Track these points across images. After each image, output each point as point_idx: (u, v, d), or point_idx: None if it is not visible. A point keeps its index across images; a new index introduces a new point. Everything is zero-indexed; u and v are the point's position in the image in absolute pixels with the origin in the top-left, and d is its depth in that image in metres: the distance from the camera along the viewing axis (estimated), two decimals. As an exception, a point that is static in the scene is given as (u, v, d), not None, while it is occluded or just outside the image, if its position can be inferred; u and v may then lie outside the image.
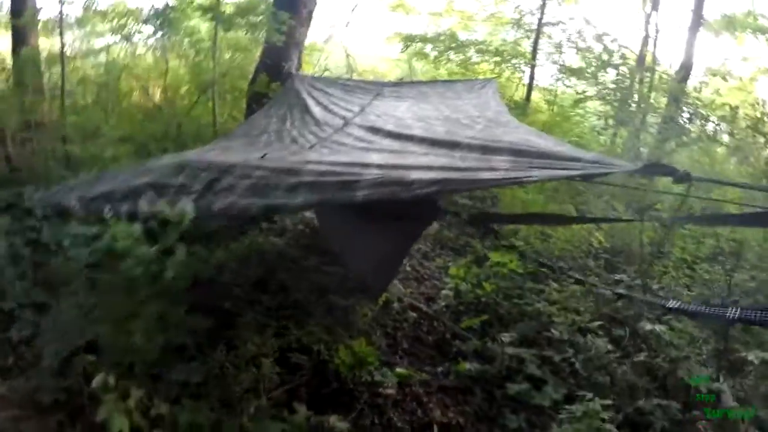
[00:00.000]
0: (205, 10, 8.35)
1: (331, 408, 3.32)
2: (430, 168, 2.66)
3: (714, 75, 12.24)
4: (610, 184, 5.91)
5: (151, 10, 8.63)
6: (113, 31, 9.73)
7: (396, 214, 2.77)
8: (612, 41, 6.63)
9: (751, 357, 3.59)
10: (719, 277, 5.49)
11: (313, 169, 2.81)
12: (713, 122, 8.13)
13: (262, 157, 3.18)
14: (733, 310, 2.76)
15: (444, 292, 4.86)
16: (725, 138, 8.42)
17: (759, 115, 7.28)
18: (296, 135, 4.14)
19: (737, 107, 7.88)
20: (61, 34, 8.64)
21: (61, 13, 8.95)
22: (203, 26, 9.24)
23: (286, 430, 2.95)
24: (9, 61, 8.04)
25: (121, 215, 2.65)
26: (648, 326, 4.07)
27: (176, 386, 2.97)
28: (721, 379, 3.62)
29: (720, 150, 8.89)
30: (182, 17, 8.90)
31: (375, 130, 3.91)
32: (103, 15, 10.53)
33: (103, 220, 2.66)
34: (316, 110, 4.71)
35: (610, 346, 4.03)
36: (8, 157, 6.89)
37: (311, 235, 5.38)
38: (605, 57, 6.70)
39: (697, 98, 7.79)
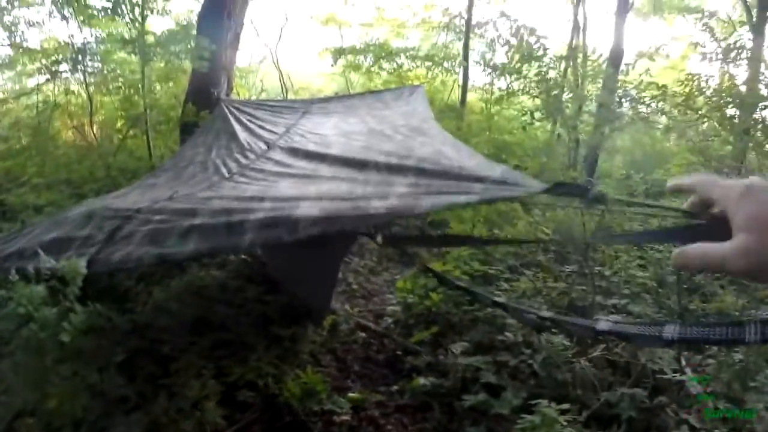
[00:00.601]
0: (127, 42, 8.13)
1: (285, 443, 3.17)
2: (320, 199, 2.57)
3: (644, 57, 12.71)
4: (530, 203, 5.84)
5: (80, 44, 8.35)
6: (43, 70, 9.35)
7: (312, 242, 2.66)
8: (531, 33, 6.70)
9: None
10: (670, 254, 5.53)
11: (210, 207, 2.75)
12: (645, 103, 8.31)
13: (171, 197, 3.05)
14: (672, 330, 2.68)
15: (391, 308, 4.76)
16: (662, 118, 8.63)
17: (688, 91, 7.47)
18: (219, 164, 4.00)
19: (665, 86, 8.11)
20: None
21: None
22: (131, 59, 9.03)
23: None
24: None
25: (29, 275, 2.50)
26: (603, 323, 4.03)
27: (117, 442, 2.77)
28: (683, 363, 3.60)
29: (659, 130, 9.16)
30: (110, 51, 8.67)
31: (294, 152, 3.86)
32: (33, 54, 10.17)
33: (12, 282, 2.52)
34: (242, 136, 4.58)
35: (567, 342, 3.95)
36: None
37: (253, 265, 5.19)
38: (527, 51, 6.76)
39: (626, 81, 7.97)
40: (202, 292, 4.32)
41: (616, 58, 10.34)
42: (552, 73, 7.51)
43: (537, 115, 7.71)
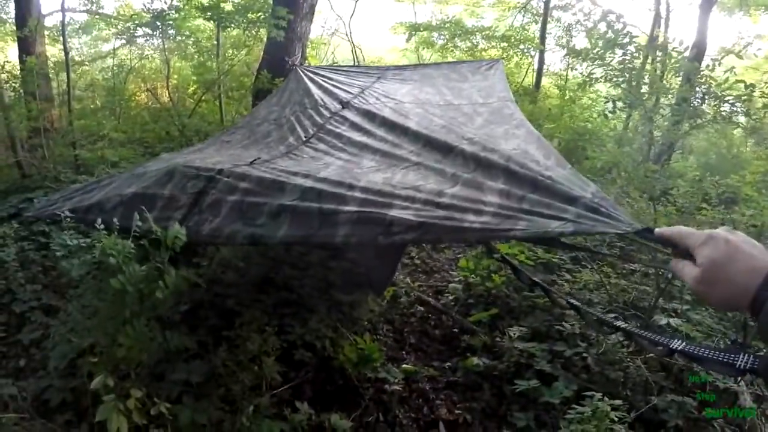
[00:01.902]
0: (205, 9, 8.34)
1: (336, 405, 3.28)
2: (413, 200, 2.52)
3: (728, 54, 11.92)
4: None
5: (155, 12, 8.61)
6: (119, 35, 9.65)
7: None
8: (617, 19, 6.36)
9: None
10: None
11: (298, 184, 2.72)
12: (728, 102, 7.83)
13: (251, 163, 3.11)
14: (744, 359, 2.57)
15: (452, 285, 4.76)
16: (741, 119, 8.13)
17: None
18: (294, 122, 4.03)
19: (753, 85, 7.59)
20: (64, 40, 8.80)
21: (63, 19, 9.08)
22: (206, 26, 9.25)
23: (285, 430, 2.90)
24: (17, 69, 8.10)
25: (113, 228, 2.62)
26: (663, 320, 3.93)
27: (178, 386, 2.95)
28: (740, 378, 3.46)
29: (737, 131, 8.61)
30: (185, 17, 8.91)
31: (371, 116, 3.81)
32: (108, 19, 10.60)
33: (96, 230, 2.66)
34: (316, 93, 4.61)
35: (624, 340, 3.88)
36: (19, 163, 6.95)
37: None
38: (612, 37, 6.43)
39: (710, 77, 7.51)
40: (268, 253, 4.45)
41: (698, 52, 9.85)
42: (636, 63, 7.15)
43: (619, 104, 7.39)
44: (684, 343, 3.34)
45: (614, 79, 7.06)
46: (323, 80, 4.97)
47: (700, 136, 8.89)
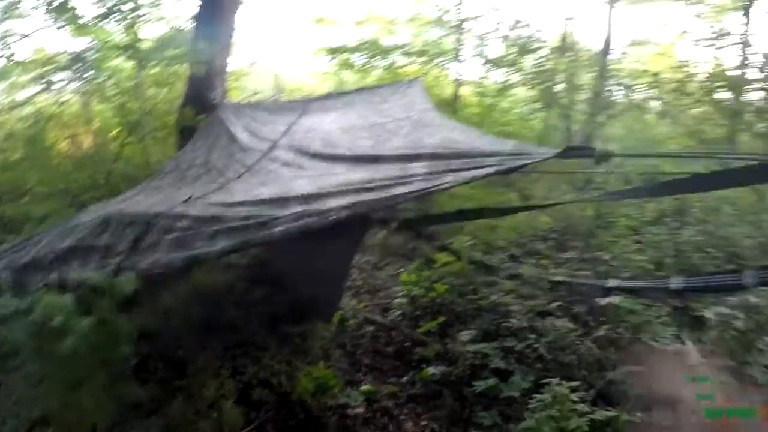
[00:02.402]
0: (123, 48, 8.14)
1: (300, 439, 3.23)
2: (346, 192, 2.67)
3: (635, 45, 12.75)
4: (544, 171, 5.95)
5: (72, 54, 8.33)
6: (36, 81, 9.28)
7: (331, 234, 2.73)
8: (526, 26, 6.81)
9: (708, 315, 3.66)
10: (666, 237, 5.68)
11: (235, 214, 2.80)
12: (639, 90, 8.40)
13: (187, 200, 3.09)
14: (677, 281, 2.78)
15: (397, 300, 4.83)
16: (656, 104, 8.72)
17: (682, 77, 7.56)
18: (223, 165, 4.05)
19: (658, 73, 8.18)
20: None
21: None
22: (126, 65, 9.02)
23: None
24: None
25: (51, 286, 2.54)
26: (611, 281, 4.14)
27: (137, 445, 2.84)
28: (683, 337, 3.67)
29: (652, 116, 9.23)
30: (103, 58, 8.65)
31: (302, 151, 3.91)
32: (25, 65, 10.12)
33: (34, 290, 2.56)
34: (242, 137, 4.63)
35: (571, 325, 4.04)
36: None
37: (257, 267, 5.25)
38: (523, 44, 6.87)
39: (619, 69, 8.07)
40: (210, 296, 4.37)
41: (607, 45, 10.40)
42: (547, 65, 7.60)
43: (536, 105, 7.83)
44: (619, 280, 3.57)
45: (529, 83, 7.47)
46: (247, 120, 5.02)
47: (617, 124, 9.45)
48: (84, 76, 8.74)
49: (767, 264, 3.22)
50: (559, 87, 8.44)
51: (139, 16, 8.83)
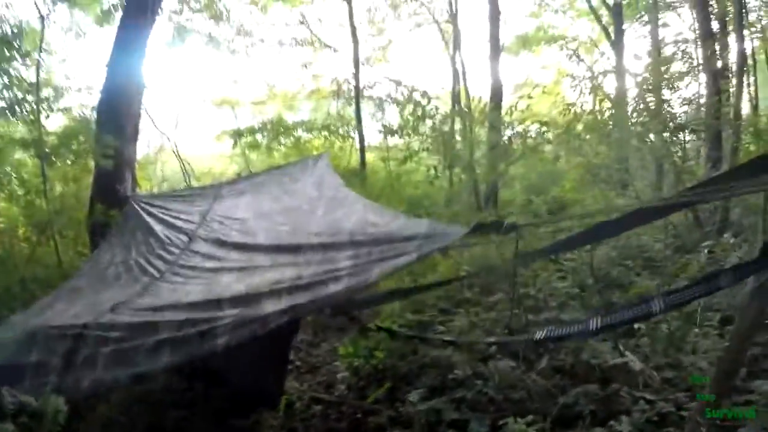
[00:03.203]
0: (27, 144, 7.79)
1: None
2: (278, 292, 2.77)
3: (521, 91, 13.95)
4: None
5: None
6: None
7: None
8: (423, 96, 7.37)
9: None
10: (584, 260, 6.16)
11: (170, 319, 2.78)
12: (531, 137, 9.09)
13: (113, 307, 2.99)
14: (595, 321, 3.05)
15: (340, 374, 4.80)
16: (548, 147, 9.47)
17: (568, 121, 8.29)
18: (143, 263, 3.95)
19: (546, 122, 8.98)
20: None
21: None
22: (29, 160, 8.60)
23: None
24: None
25: None
26: (538, 333, 4.37)
27: None
28: (622, 348, 3.95)
29: (547, 154, 10.05)
30: (5, 153, 8.20)
31: (220, 243, 3.98)
32: None
33: None
34: (158, 229, 4.55)
35: (513, 364, 4.18)
36: None
37: (193, 362, 5.03)
38: (419, 111, 7.41)
39: (510, 118, 8.77)
40: (149, 399, 4.12)
41: (496, 96, 11.25)
42: (445, 127, 8.17)
43: (440, 168, 8.33)
44: (543, 331, 3.83)
45: (429, 147, 8.00)
46: (161, 212, 4.92)
47: (518, 164, 10.19)
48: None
49: (671, 290, 3.61)
50: (459, 145, 9.04)
51: (43, 109, 8.54)
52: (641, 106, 7.35)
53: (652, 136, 7.52)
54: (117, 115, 7.71)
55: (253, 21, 13.84)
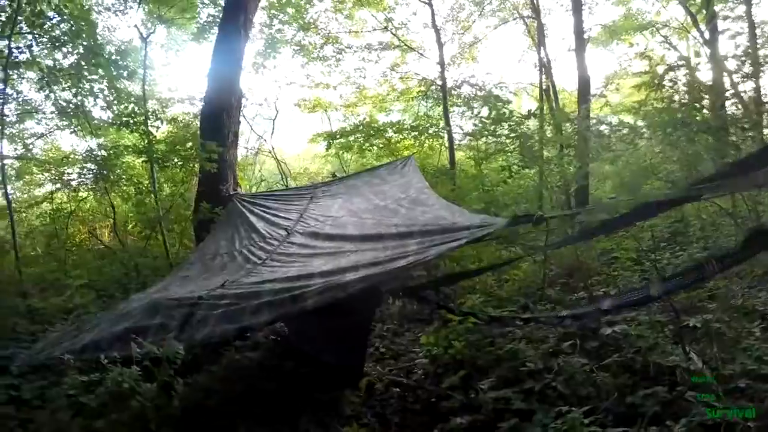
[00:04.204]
0: (138, 151, 8.80)
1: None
2: (357, 267, 3.35)
3: (613, 80, 13.34)
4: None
5: (89, 152, 9.00)
6: (54, 179, 9.93)
7: (349, 306, 3.26)
8: (498, 100, 7.52)
9: (692, 322, 4.09)
10: (666, 257, 6.15)
11: (270, 288, 3.33)
12: (623, 128, 8.74)
13: (223, 285, 3.52)
14: (657, 286, 3.23)
15: (419, 361, 5.09)
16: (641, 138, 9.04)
17: (665, 108, 7.88)
18: (247, 253, 4.50)
19: (638, 102, 8.60)
20: (5, 187, 8.84)
21: (2, 165, 8.96)
22: (138, 162, 9.65)
23: None
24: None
25: (116, 360, 3.02)
26: (608, 330, 4.41)
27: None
28: (687, 349, 3.91)
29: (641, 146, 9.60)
30: (116, 156, 9.32)
31: (315, 235, 4.55)
32: (42, 164, 10.79)
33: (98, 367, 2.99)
34: (259, 226, 5.11)
35: (584, 360, 4.27)
36: None
37: (283, 345, 5.58)
38: (500, 113, 7.50)
39: (600, 108, 8.53)
40: (243, 373, 4.67)
41: (584, 90, 10.89)
42: (528, 125, 8.16)
43: (515, 168, 8.39)
44: (609, 301, 4.08)
45: (506, 149, 8.05)
46: (262, 210, 5.53)
47: (610, 160, 9.83)
48: (102, 174, 9.30)
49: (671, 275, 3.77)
50: (546, 142, 8.96)
51: (150, 119, 9.60)
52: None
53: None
54: (218, 122, 8.52)
55: (339, 28, 14.49)
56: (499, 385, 4.23)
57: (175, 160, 8.93)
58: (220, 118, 8.59)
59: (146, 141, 8.69)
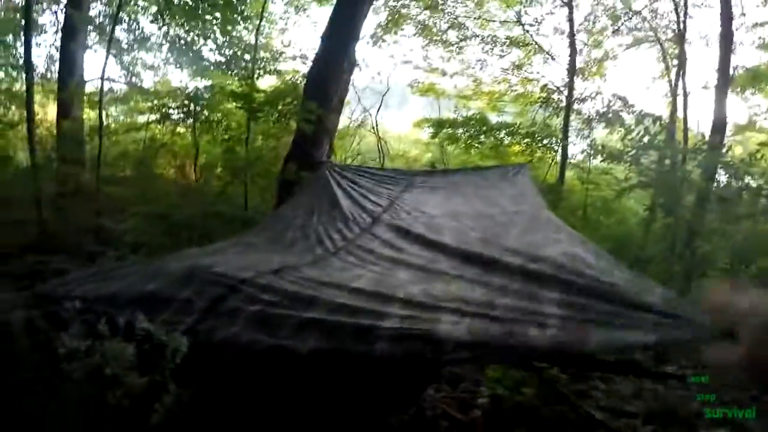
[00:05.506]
0: (237, 97, 8.65)
1: None
2: (460, 313, 2.32)
3: (743, 131, 11.67)
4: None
5: (191, 90, 9.06)
6: (155, 110, 10.11)
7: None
8: (655, 121, 6.34)
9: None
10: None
11: (328, 298, 2.58)
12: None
13: (277, 271, 3.00)
14: None
15: (480, 399, 4.48)
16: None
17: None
18: (322, 233, 4.02)
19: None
20: (100, 108, 9.14)
21: (102, 87, 9.43)
22: (237, 111, 9.63)
23: None
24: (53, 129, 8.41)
25: (118, 328, 2.49)
26: None
27: None
28: None
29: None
30: (217, 101, 9.32)
31: (404, 233, 3.80)
32: (146, 93, 11.14)
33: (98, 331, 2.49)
34: (344, 203, 4.63)
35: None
36: (42, 222, 6.95)
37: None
38: (645, 137, 6.31)
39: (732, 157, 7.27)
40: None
41: (719, 134, 9.28)
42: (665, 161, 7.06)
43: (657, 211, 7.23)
44: None
45: (650, 182, 6.88)
46: (350, 186, 5.02)
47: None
48: (199, 114, 9.33)
49: None
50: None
51: (258, 69, 9.43)
52: None
53: None
54: (324, 85, 8.19)
55: (468, 14, 13.68)
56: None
57: (273, 113, 8.69)
58: (326, 80, 8.27)
59: (248, 89, 8.54)
